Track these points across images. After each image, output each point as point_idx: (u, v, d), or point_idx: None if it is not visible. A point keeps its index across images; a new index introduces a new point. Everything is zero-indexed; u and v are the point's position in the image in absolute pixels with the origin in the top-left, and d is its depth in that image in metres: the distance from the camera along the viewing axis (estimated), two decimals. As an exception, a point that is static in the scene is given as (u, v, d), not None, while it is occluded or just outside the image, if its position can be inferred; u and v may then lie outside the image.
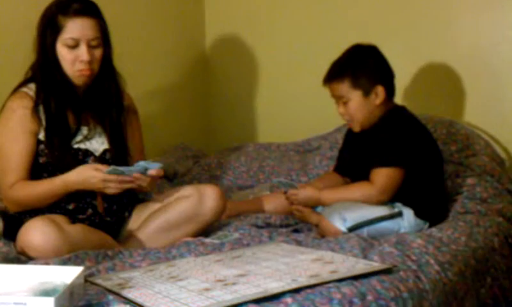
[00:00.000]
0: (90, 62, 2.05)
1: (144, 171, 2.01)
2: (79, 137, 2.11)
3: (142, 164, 2.01)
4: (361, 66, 2.24)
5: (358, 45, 2.31)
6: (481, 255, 2.02)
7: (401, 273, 1.68)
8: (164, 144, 3.17)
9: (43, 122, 2.07)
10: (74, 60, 2.04)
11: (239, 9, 3.39)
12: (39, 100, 2.07)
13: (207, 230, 2.16)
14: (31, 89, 2.09)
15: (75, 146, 2.10)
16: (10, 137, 2.05)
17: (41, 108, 2.07)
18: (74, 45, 2.04)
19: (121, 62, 2.18)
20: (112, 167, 1.96)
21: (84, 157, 2.10)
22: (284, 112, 3.26)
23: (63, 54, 2.05)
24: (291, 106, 3.24)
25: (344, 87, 2.23)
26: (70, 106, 2.11)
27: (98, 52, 2.08)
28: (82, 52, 2.03)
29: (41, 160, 2.07)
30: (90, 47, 2.05)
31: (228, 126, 3.46)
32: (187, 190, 2.19)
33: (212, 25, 3.47)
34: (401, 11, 2.93)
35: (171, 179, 2.87)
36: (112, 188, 1.99)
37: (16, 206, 2.05)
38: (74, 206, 2.07)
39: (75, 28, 2.03)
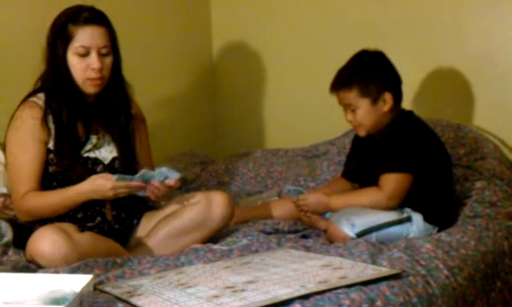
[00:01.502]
0: (101, 70, 2.06)
1: (162, 179, 2.02)
2: (88, 146, 2.12)
3: (162, 170, 2.03)
4: (369, 73, 2.24)
5: (364, 52, 2.30)
6: (491, 259, 2.01)
7: (410, 278, 1.67)
8: (172, 151, 3.18)
9: (53, 131, 2.08)
10: (85, 68, 2.06)
11: (245, 17, 3.39)
12: (49, 109, 2.08)
13: (215, 237, 2.17)
14: (40, 98, 2.10)
15: (85, 155, 2.11)
16: (20, 147, 2.06)
17: (50, 118, 2.08)
18: (85, 54, 2.05)
19: (128, 71, 2.19)
20: (118, 176, 1.98)
21: (93, 165, 2.11)
22: (291, 117, 3.26)
23: (74, 62, 2.06)
24: (298, 112, 3.23)
25: (352, 96, 2.23)
26: (79, 115, 2.12)
27: (108, 60, 2.09)
28: (93, 60, 2.05)
29: (51, 169, 2.08)
30: (100, 55, 2.06)
31: (236, 133, 3.46)
32: (195, 197, 2.19)
33: (219, 32, 3.47)
34: (408, 15, 2.93)
35: (180, 186, 2.87)
36: (123, 194, 2.01)
37: (28, 216, 2.06)
38: (83, 214, 2.07)
39: (86, 36, 2.05)
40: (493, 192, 2.40)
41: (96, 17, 2.08)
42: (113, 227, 2.11)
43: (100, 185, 1.99)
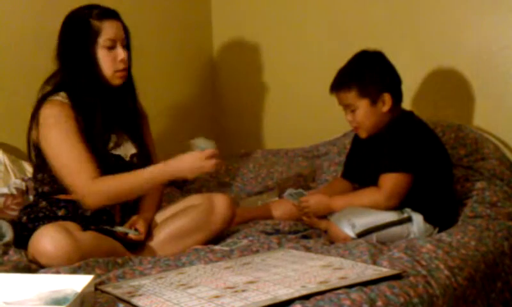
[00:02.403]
0: (126, 61, 2.11)
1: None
2: (111, 144, 2.13)
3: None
4: (368, 74, 2.24)
5: (364, 52, 2.30)
6: (491, 259, 2.01)
7: (411, 278, 1.68)
8: (171, 151, 3.17)
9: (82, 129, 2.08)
10: (113, 61, 2.09)
11: (245, 17, 3.39)
12: (76, 108, 2.08)
13: (216, 238, 2.17)
14: (63, 97, 2.09)
15: (110, 152, 2.12)
16: (64, 140, 2.04)
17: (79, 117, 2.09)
18: (112, 46, 2.09)
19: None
20: (202, 140, 2.04)
21: (116, 162, 2.12)
22: (292, 118, 3.26)
23: (103, 56, 2.08)
24: (299, 112, 3.24)
25: (351, 96, 2.23)
26: (103, 112, 2.12)
27: (127, 53, 2.14)
28: (120, 51, 2.10)
29: None
30: (123, 47, 2.12)
31: (236, 133, 3.46)
32: (197, 199, 2.21)
33: (219, 32, 3.48)
34: (408, 16, 2.93)
35: (180, 186, 2.88)
36: (207, 167, 2.03)
37: (103, 198, 2.04)
38: (92, 212, 2.08)
39: (111, 29, 2.09)
40: (493, 192, 2.40)
41: (114, 13, 2.13)
42: (115, 226, 2.12)
43: (188, 161, 2.02)
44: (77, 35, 2.09)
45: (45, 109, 2.07)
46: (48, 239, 1.87)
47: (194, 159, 2.03)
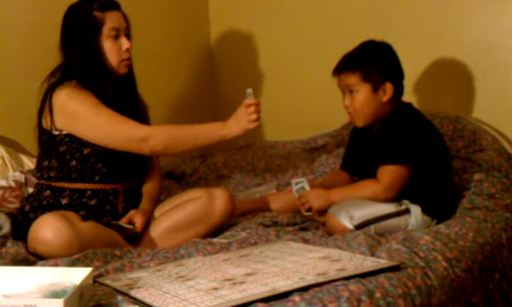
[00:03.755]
0: (130, 50, 2.15)
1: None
2: None
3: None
4: (374, 60, 2.24)
5: (371, 41, 2.31)
6: (489, 251, 2.01)
7: (409, 270, 1.68)
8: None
9: None
10: (119, 50, 2.13)
11: (243, 7, 3.39)
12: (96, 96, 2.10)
13: (214, 231, 2.17)
14: (75, 85, 2.10)
15: None
16: (95, 109, 2.06)
17: None
18: (116, 35, 2.13)
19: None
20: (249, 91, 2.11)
21: (122, 151, 2.13)
22: (290, 110, 3.26)
23: (109, 46, 2.12)
24: (297, 104, 3.23)
25: (354, 78, 2.23)
26: (111, 100, 2.14)
27: (130, 43, 2.17)
28: (124, 40, 2.14)
29: (86, 151, 2.09)
30: (126, 37, 2.16)
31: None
32: (197, 193, 2.21)
33: (217, 22, 3.47)
34: (408, 7, 2.93)
35: (179, 179, 2.88)
36: (254, 116, 2.10)
37: (166, 138, 2.10)
38: (96, 201, 2.09)
39: (115, 19, 2.13)
40: (491, 184, 2.41)
41: (115, 3, 2.16)
42: (116, 217, 2.13)
43: (237, 113, 2.12)
44: (81, 28, 2.10)
45: (60, 95, 2.08)
46: (48, 227, 1.88)
47: (242, 107, 2.11)
